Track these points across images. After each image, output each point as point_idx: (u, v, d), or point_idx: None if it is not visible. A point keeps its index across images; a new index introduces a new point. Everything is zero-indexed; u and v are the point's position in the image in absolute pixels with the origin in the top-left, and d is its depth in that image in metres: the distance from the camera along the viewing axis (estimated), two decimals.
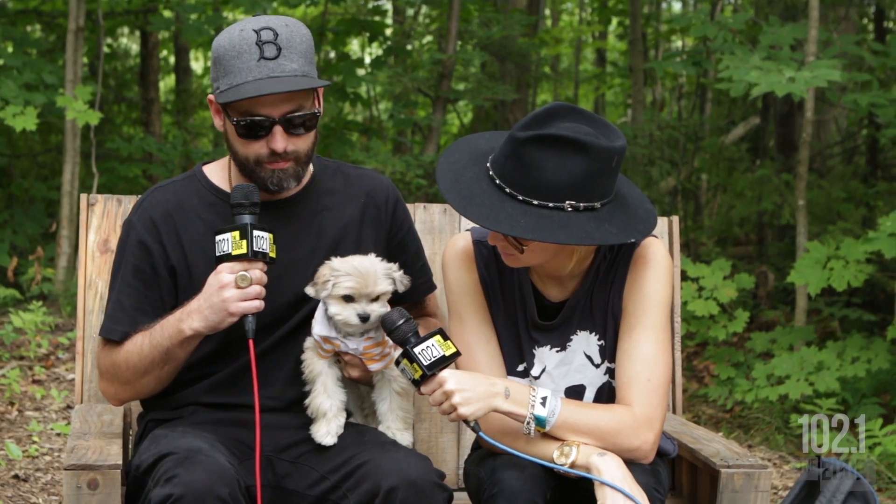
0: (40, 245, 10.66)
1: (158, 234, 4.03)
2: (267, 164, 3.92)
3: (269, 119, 3.86)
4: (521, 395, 3.76)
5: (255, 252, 3.81)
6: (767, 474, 3.94)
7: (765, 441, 8.15)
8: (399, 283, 3.88)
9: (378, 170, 10.06)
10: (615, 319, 3.97)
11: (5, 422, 7.53)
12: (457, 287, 4.03)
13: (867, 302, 10.47)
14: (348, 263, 3.85)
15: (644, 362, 3.88)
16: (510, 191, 3.72)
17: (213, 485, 3.57)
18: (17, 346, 8.80)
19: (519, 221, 3.68)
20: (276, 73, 3.83)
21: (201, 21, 11.30)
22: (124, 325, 4.01)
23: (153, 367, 3.97)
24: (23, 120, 9.32)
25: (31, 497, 6.44)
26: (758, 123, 13.99)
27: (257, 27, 3.85)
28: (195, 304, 3.88)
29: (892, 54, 9.84)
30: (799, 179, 9.32)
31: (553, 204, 3.69)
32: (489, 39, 11.82)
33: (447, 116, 14.97)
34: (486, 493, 3.80)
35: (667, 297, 3.96)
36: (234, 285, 3.80)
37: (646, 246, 3.97)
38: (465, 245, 4.06)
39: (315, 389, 3.98)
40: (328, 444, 3.92)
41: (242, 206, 3.83)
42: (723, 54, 9.24)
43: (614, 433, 3.81)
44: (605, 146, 3.68)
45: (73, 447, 3.79)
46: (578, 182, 3.68)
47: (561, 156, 3.67)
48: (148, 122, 14.06)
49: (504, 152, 3.76)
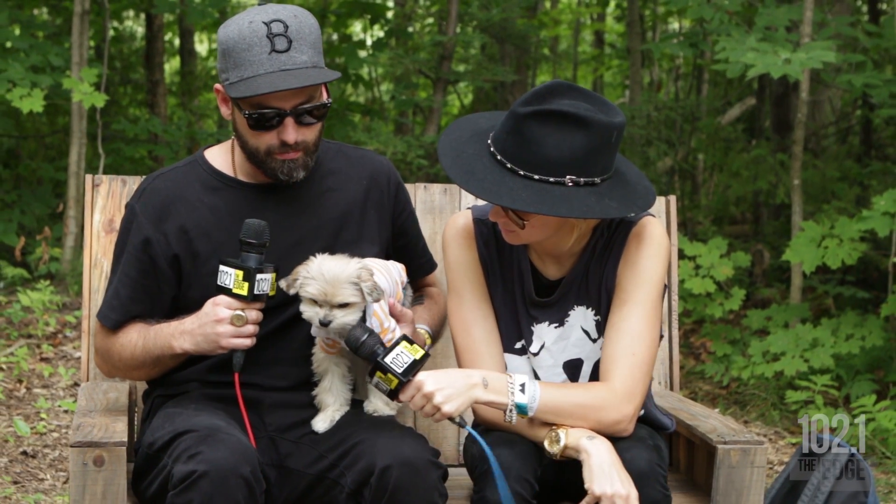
0: (47, 225, 10.67)
1: (161, 223, 4.03)
2: (277, 155, 3.93)
3: (280, 111, 3.87)
4: (499, 383, 3.79)
5: (256, 295, 3.84)
6: (763, 450, 3.98)
7: (761, 417, 8.18)
8: (367, 295, 3.80)
9: (380, 150, 10.16)
10: (609, 295, 3.98)
11: (14, 399, 7.59)
12: (456, 265, 4.05)
13: (861, 280, 10.47)
14: (319, 267, 3.81)
15: (631, 337, 3.89)
16: (511, 166, 3.75)
17: (236, 463, 3.60)
18: (25, 325, 8.86)
19: (521, 195, 3.71)
20: (288, 65, 3.83)
21: (205, 4, 11.29)
22: (118, 313, 4.05)
23: (143, 366, 4.04)
24: (30, 102, 9.34)
25: (39, 473, 6.53)
26: (753, 104, 13.95)
27: (267, 19, 3.83)
28: (189, 325, 3.92)
29: (886, 35, 9.82)
30: (794, 159, 9.30)
31: (554, 179, 3.72)
32: (489, 21, 11.80)
33: (448, 98, 14.92)
34: (479, 470, 3.85)
35: (660, 276, 3.97)
36: (229, 321, 3.84)
37: (643, 224, 3.98)
38: (465, 223, 4.08)
39: (321, 385, 4.02)
40: (319, 430, 3.96)
41: (251, 246, 3.85)
42: (719, 36, 9.20)
43: (596, 409, 3.83)
44: (604, 121, 3.72)
45: (80, 424, 3.82)
46: (579, 157, 3.72)
47: (562, 131, 3.71)
48: (153, 104, 14.01)
49: (505, 128, 3.79)
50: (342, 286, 3.77)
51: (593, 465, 3.75)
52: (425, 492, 3.70)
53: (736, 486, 3.96)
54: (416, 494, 3.67)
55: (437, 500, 3.73)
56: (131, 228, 4.05)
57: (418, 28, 14.43)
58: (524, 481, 3.79)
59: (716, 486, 3.96)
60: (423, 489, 3.69)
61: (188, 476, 3.56)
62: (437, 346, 4.61)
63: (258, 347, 3.95)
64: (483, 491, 3.79)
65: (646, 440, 3.90)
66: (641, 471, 3.79)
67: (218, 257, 3.92)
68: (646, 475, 3.79)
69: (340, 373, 4.02)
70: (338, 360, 4.01)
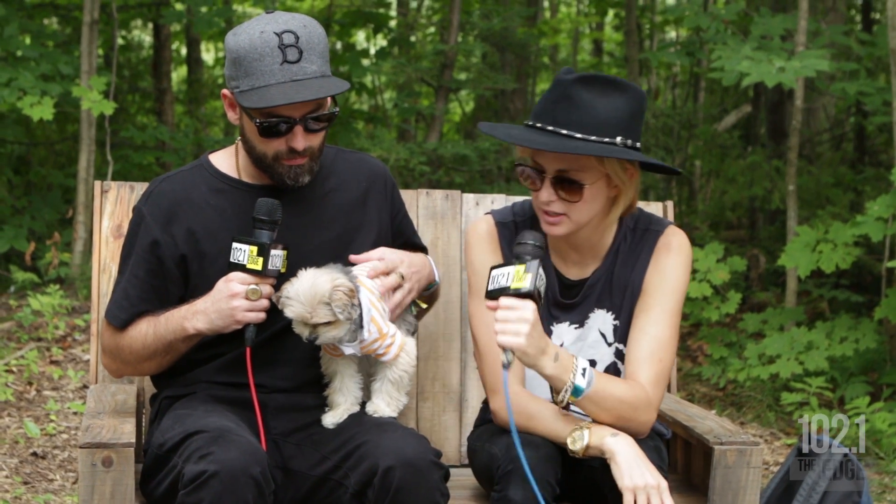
0: (57, 230, 10.67)
1: (168, 225, 4.04)
2: (284, 161, 3.95)
3: (290, 120, 3.89)
4: (567, 361, 3.73)
5: (270, 270, 3.88)
6: (759, 450, 3.98)
7: (756, 418, 8.22)
8: (338, 314, 3.80)
9: (383, 157, 10.20)
10: (632, 301, 4.01)
11: (24, 401, 7.62)
12: (481, 267, 4.01)
13: (855, 284, 10.47)
14: (297, 288, 3.82)
15: (658, 343, 3.92)
16: (567, 132, 3.80)
17: (247, 463, 3.60)
18: (35, 328, 8.87)
19: (589, 149, 3.79)
20: (299, 76, 3.85)
21: (212, 14, 11.29)
22: (127, 313, 4.05)
23: (155, 355, 4.04)
24: (40, 110, 9.34)
25: (49, 474, 6.56)
26: (749, 111, 13.97)
27: (278, 30, 3.85)
28: (201, 305, 3.94)
29: (878, 44, 9.83)
30: (789, 165, 9.33)
31: (608, 139, 3.80)
32: (490, 30, 11.80)
33: (449, 105, 14.92)
34: (501, 470, 3.81)
35: (685, 287, 4.02)
36: (243, 296, 3.87)
37: (673, 232, 4.06)
38: (488, 227, 4.11)
39: (332, 385, 4.05)
40: (327, 425, 3.99)
41: (264, 223, 3.89)
42: (715, 44, 9.26)
43: (634, 408, 3.85)
44: (638, 87, 3.86)
45: (88, 426, 3.80)
46: (625, 118, 3.82)
47: (606, 95, 3.81)
48: (161, 112, 13.99)
49: (550, 99, 3.87)
50: (317, 308, 3.79)
51: (621, 463, 3.75)
52: (428, 492, 3.70)
53: (732, 486, 3.96)
54: (419, 495, 3.68)
55: (439, 500, 3.74)
56: (139, 231, 4.06)
57: (420, 37, 14.45)
58: (546, 484, 3.78)
59: (712, 487, 3.97)
60: (426, 489, 3.70)
61: (199, 476, 3.57)
62: (440, 349, 4.70)
63: (263, 349, 3.99)
64: (506, 490, 3.78)
65: (647, 442, 3.92)
66: None
67: (224, 255, 3.95)
68: None
69: (350, 373, 4.05)
70: (345, 361, 4.03)
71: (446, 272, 4.69)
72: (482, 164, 11.41)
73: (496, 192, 9.09)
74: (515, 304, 3.63)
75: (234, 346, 4.03)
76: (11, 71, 9.68)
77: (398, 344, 4.00)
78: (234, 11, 11.95)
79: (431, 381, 4.70)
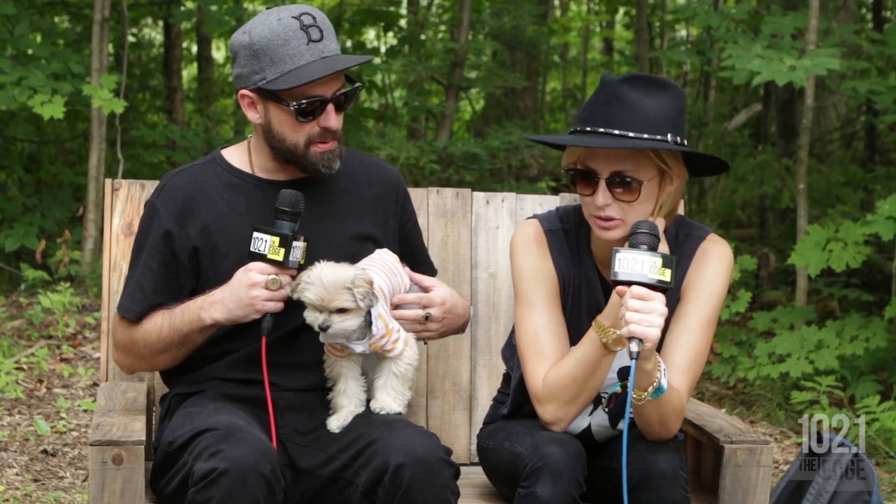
0: (68, 228, 10.69)
1: (181, 218, 4.05)
2: (316, 146, 3.99)
3: (323, 98, 3.95)
4: (657, 360, 3.74)
5: (291, 261, 3.88)
6: (769, 449, 3.99)
7: (766, 417, 8.21)
8: (360, 301, 3.82)
9: (393, 155, 10.21)
10: (671, 306, 3.93)
11: (35, 398, 7.63)
12: (530, 272, 4.03)
13: (865, 282, 10.47)
14: (318, 273, 3.84)
15: (696, 352, 3.93)
16: (619, 132, 3.81)
17: (257, 461, 3.61)
18: (45, 326, 8.89)
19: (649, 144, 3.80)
20: (326, 53, 3.94)
21: (222, 12, 11.33)
22: (142, 305, 4.06)
23: (170, 348, 4.03)
24: (50, 108, 9.33)
25: (59, 471, 6.56)
26: (759, 110, 13.96)
27: (295, 14, 3.93)
28: (219, 295, 3.94)
29: (889, 43, 9.84)
30: (799, 164, 9.32)
31: (660, 137, 3.81)
32: (500, 29, 11.79)
33: (459, 104, 14.91)
34: (530, 467, 3.80)
35: (723, 295, 4.00)
36: (263, 285, 3.88)
37: (713, 241, 4.05)
38: (536, 232, 4.08)
39: (336, 388, 4.05)
40: (333, 429, 3.98)
41: (286, 214, 3.91)
42: (726, 43, 9.24)
43: (677, 415, 3.87)
44: (678, 85, 3.88)
45: (99, 423, 3.81)
46: (672, 115, 3.83)
47: (651, 94, 3.83)
48: (171, 110, 14.02)
49: (600, 101, 3.87)
50: (338, 292, 3.80)
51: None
52: (438, 489, 3.70)
53: (742, 485, 3.97)
54: (430, 492, 3.68)
55: (449, 498, 3.74)
56: (152, 224, 4.08)
57: (431, 35, 14.43)
58: (575, 482, 3.79)
59: (722, 485, 3.98)
60: (437, 487, 3.70)
61: (209, 473, 3.58)
62: (450, 347, 4.69)
63: (276, 348, 4.00)
64: (533, 487, 3.77)
65: (668, 443, 3.93)
66: (665, 473, 3.82)
67: (235, 249, 3.98)
68: (669, 477, 3.82)
69: (354, 375, 4.05)
70: (349, 364, 4.03)
71: (456, 271, 4.69)
72: (492, 163, 11.40)
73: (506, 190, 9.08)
74: (649, 294, 3.61)
75: (245, 344, 4.04)
76: (22, 69, 9.69)
77: (403, 339, 4.02)
78: (244, 10, 11.94)
79: (441, 379, 4.70)
